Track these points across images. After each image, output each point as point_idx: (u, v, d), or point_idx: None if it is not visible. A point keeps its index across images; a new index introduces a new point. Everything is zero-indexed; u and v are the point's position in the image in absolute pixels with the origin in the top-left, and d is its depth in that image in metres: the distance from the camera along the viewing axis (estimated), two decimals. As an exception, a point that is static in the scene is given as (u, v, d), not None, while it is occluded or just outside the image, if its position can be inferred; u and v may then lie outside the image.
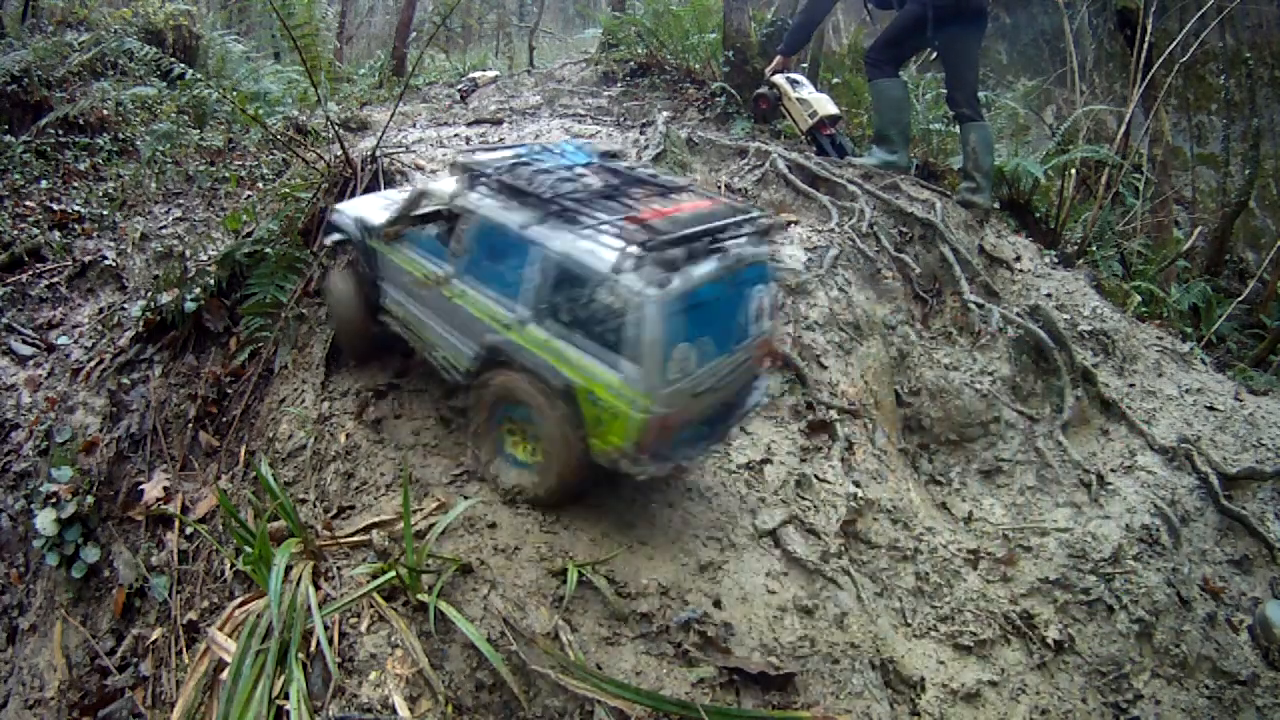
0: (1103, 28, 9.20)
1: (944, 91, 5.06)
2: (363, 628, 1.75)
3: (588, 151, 2.50)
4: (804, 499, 2.67)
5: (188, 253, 4.04)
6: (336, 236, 2.77)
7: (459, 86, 7.40)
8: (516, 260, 2.07)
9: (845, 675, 2.10)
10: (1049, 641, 2.66)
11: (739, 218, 2.06)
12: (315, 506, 2.45)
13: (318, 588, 1.84)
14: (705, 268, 1.91)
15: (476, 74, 7.87)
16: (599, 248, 1.89)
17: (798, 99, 5.05)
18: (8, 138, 5.04)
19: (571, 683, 1.71)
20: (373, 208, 2.71)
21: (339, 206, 2.87)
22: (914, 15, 4.38)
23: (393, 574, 1.83)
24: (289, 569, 1.84)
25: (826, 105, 5.02)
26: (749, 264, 2.06)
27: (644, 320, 1.80)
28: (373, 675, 1.66)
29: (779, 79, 5.18)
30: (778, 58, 5.24)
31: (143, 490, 3.06)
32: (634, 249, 1.81)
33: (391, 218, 2.45)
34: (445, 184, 2.38)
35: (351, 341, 2.86)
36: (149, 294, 3.61)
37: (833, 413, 3.04)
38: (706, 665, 1.93)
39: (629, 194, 2.14)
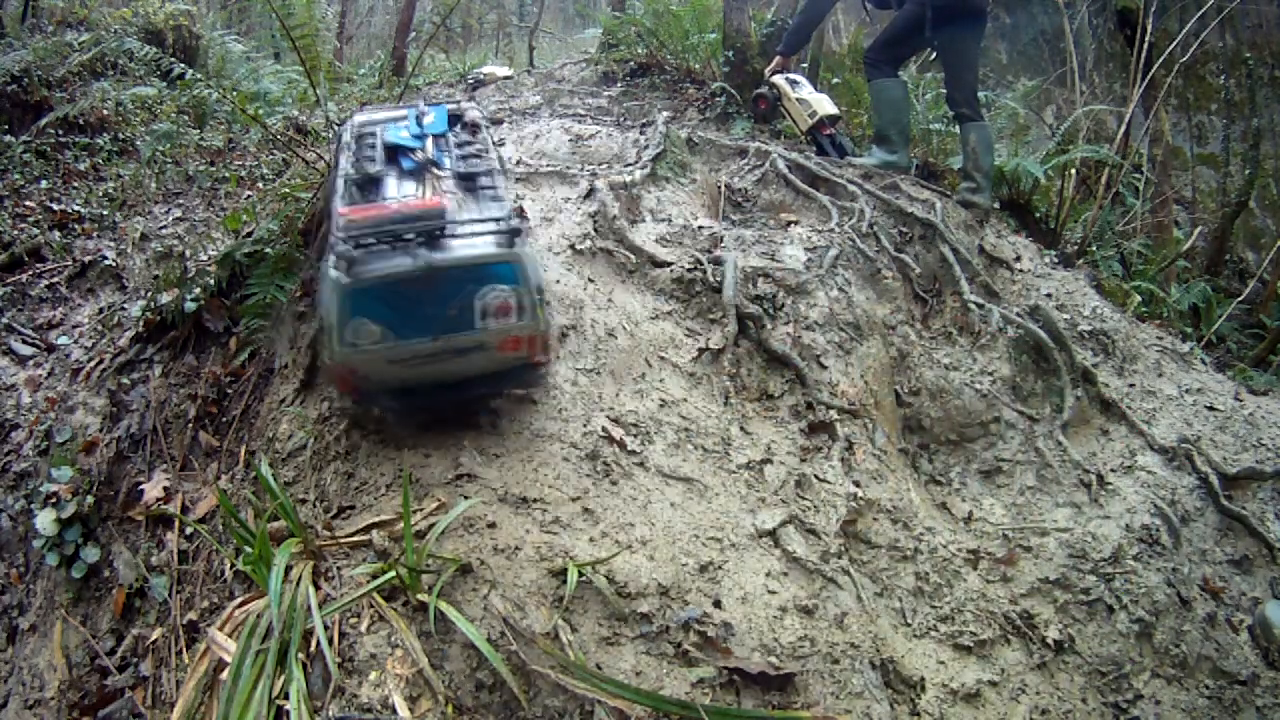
0: (1103, 28, 9.20)
1: (944, 91, 5.05)
2: (363, 628, 1.75)
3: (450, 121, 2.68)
4: (804, 499, 2.67)
5: (188, 253, 4.04)
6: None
7: (469, 80, 7.53)
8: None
9: (845, 675, 2.10)
10: (1049, 641, 2.66)
11: (474, 219, 2.26)
12: (315, 506, 2.45)
13: (318, 588, 1.84)
14: (394, 263, 2.15)
15: (486, 70, 7.96)
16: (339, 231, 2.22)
17: (797, 99, 5.04)
18: (8, 138, 5.04)
19: (571, 683, 1.71)
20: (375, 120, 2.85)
21: (357, 115, 2.99)
22: (912, 15, 4.37)
23: (393, 574, 1.83)
24: (289, 569, 1.83)
25: (826, 105, 5.01)
26: (467, 265, 2.20)
27: (323, 294, 2.17)
28: (373, 675, 1.66)
29: (778, 79, 5.17)
30: (777, 58, 5.23)
31: (143, 490, 3.05)
32: (340, 239, 2.12)
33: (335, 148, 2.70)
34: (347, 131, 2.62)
35: None
36: (149, 294, 3.61)
37: (833, 413, 3.04)
38: (706, 665, 1.93)
39: (422, 178, 2.37)
